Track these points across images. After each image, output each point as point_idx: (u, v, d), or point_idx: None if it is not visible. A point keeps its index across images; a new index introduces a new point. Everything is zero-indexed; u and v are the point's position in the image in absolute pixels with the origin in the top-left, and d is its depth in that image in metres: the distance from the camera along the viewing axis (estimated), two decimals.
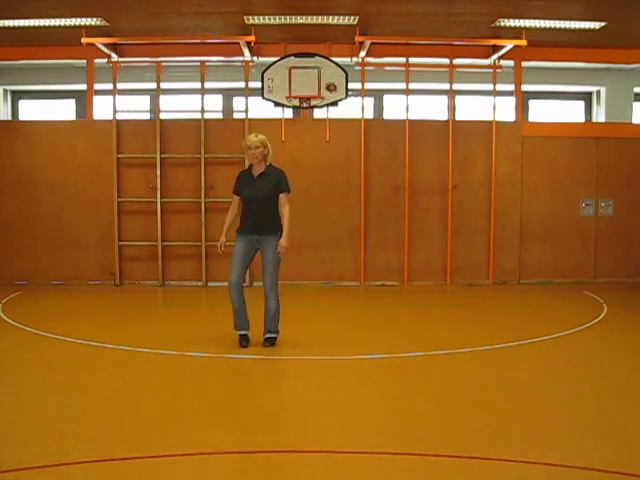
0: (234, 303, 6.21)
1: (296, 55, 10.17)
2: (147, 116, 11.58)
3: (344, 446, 3.85)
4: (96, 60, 10.46)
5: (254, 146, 6.08)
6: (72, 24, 9.32)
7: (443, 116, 11.56)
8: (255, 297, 10.07)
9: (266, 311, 6.22)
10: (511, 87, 10.91)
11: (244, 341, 6.25)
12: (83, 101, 11.21)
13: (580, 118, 12.73)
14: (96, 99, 10.68)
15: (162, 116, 10.56)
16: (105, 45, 10.00)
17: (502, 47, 10.20)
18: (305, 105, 10.28)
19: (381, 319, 8.22)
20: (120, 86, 10.62)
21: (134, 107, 11.52)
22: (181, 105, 11.83)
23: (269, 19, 9.34)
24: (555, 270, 10.94)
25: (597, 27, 9.52)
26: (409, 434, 4.05)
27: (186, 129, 10.55)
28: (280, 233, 6.10)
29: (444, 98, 12.05)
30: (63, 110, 12.34)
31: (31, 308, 8.65)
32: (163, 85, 10.61)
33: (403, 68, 10.60)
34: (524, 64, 10.81)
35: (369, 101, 12.07)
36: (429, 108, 12.22)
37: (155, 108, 10.61)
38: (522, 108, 11.08)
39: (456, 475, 3.48)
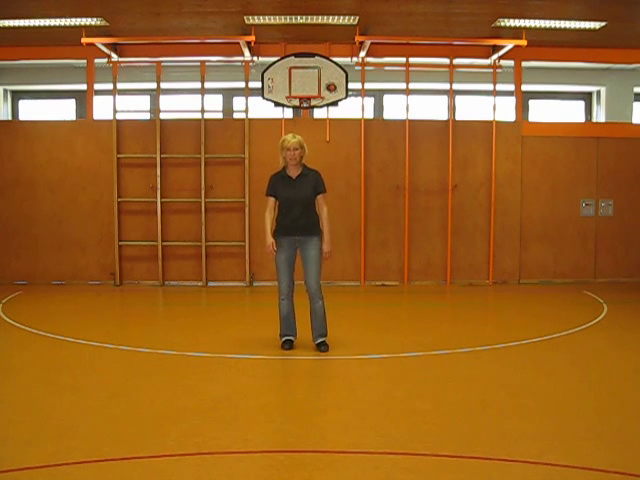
0: (283, 310, 6.16)
1: (296, 55, 10.17)
2: (147, 116, 11.58)
3: (344, 446, 3.85)
4: (96, 60, 10.47)
5: (293, 147, 5.98)
6: (72, 24, 9.32)
7: (443, 116, 11.56)
8: (254, 297, 10.13)
9: (313, 314, 6.11)
10: (511, 87, 10.92)
11: (287, 345, 6.19)
12: (83, 101, 11.21)
13: (580, 118, 12.73)
14: (96, 99, 10.68)
15: (162, 116, 10.56)
16: (105, 45, 10.00)
17: (502, 47, 10.20)
18: (305, 105, 10.28)
19: (381, 319, 8.22)
20: (120, 86, 10.63)
21: (134, 107, 11.52)
22: (181, 105, 11.83)
23: (269, 19, 9.34)
24: (555, 270, 10.95)
25: (597, 27, 9.52)
26: (409, 434, 4.05)
27: (186, 129, 10.55)
28: (321, 234, 6.07)
29: (444, 98, 12.06)
30: (63, 110, 12.34)
31: (31, 308, 8.65)
32: (163, 85, 10.61)
33: (403, 68, 10.60)
34: (524, 64, 10.82)
35: (369, 101, 12.07)
36: (429, 108, 12.22)
37: (155, 108, 10.61)
38: (522, 108, 11.08)
39: (456, 475, 3.48)
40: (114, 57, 10.33)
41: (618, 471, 3.42)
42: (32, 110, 12.41)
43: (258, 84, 10.22)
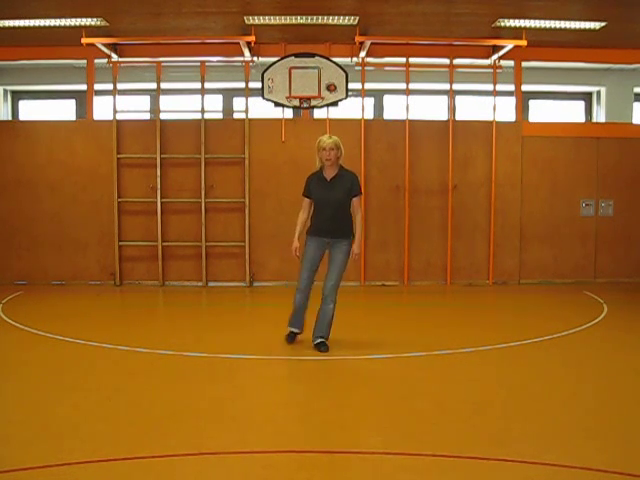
0: (297, 301, 6.17)
1: (296, 55, 10.16)
2: (147, 116, 11.57)
3: (344, 446, 3.85)
4: (96, 60, 10.46)
5: (329, 148, 5.96)
6: (72, 24, 9.32)
7: (443, 116, 11.56)
8: (254, 297, 10.12)
9: (321, 315, 6.10)
10: (511, 87, 10.91)
11: (290, 338, 6.26)
12: (83, 101, 11.21)
13: (580, 118, 12.73)
14: (96, 99, 10.67)
15: (162, 116, 10.56)
16: (105, 45, 10.00)
17: (502, 47, 10.20)
18: (305, 105, 10.28)
19: (381, 319, 8.22)
20: (120, 86, 10.62)
21: (134, 107, 11.51)
22: (181, 105, 11.82)
23: (269, 19, 9.34)
24: (555, 270, 10.95)
25: (597, 27, 9.52)
26: (409, 434, 4.05)
27: (186, 129, 10.55)
28: (352, 237, 6.07)
29: (444, 98, 12.05)
30: (63, 110, 12.33)
31: (31, 308, 8.65)
32: (163, 85, 10.60)
33: (403, 68, 10.60)
34: (524, 64, 10.81)
35: (369, 101, 12.06)
36: (429, 108, 12.22)
37: (155, 108, 10.61)
38: (522, 108, 11.08)
39: (456, 475, 3.48)
40: (114, 57, 10.33)
41: (618, 471, 3.42)
42: (32, 110, 12.40)
43: (258, 84, 10.22)
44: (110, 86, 10.50)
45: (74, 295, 9.76)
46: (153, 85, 10.64)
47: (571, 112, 12.78)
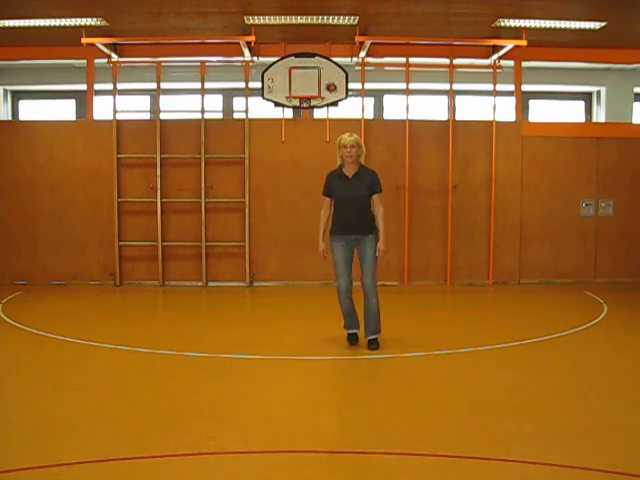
0: (345, 308, 6.21)
1: (296, 55, 10.16)
2: (147, 116, 11.58)
3: (344, 446, 3.85)
4: (96, 60, 10.46)
5: (350, 145, 6.00)
6: (72, 24, 9.31)
7: (443, 116, 11.56)
8: (254, 297, 10.12)
9: (367, 311, 6.16)
10: (511, 87, 10.91)
11: (353, 340, 6.28)
12: (83, 101, 11.21)
13: (580, 118, 12.73)
14: (96, 99, 10.67)
15: (162, 116, 10.55)
16: (105, 45, 10.00)
17: (502, 47, 10.20)
18: (305, 105, 10.27)
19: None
20: (120, 86, 10.62)
21: (134, 107, 11.51)
22: (181, 105, 11.82)
23: (269, 19, 9.34)
24: (555, 270, 10.94)
25: (597, 27, 9.52)
26: (409, 434, 4.05)
27: (186, 129, 10.54)
28: (376, 232, 6.09)
29: (444, 98, 12.05)
30: (63, 110, 12.33)
31: (31, 308, 8.65)
32: (163, 85, 10.60)
33: (403, 68, 10.59)
34: (524, 64, 10.81)
35: (369, 101, 12.06)
36: (429, 108, 12.22)
37: (155, 108, 10.61)
38: (522, 108, 11.07)
39: (456, 475, 3.48)
40: (114, 57, 10.33)
41: (618, 471, 3.42)
42: (32, 110, 12.41)
43: (258, 84, 10.22)
44: (110, 86, 10.50)
45: (74, 295, 9.76)
46: (153, 85, 10.64)
47: (571, 112, 12.79)
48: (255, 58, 10.49)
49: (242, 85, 10.60)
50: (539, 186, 10.87)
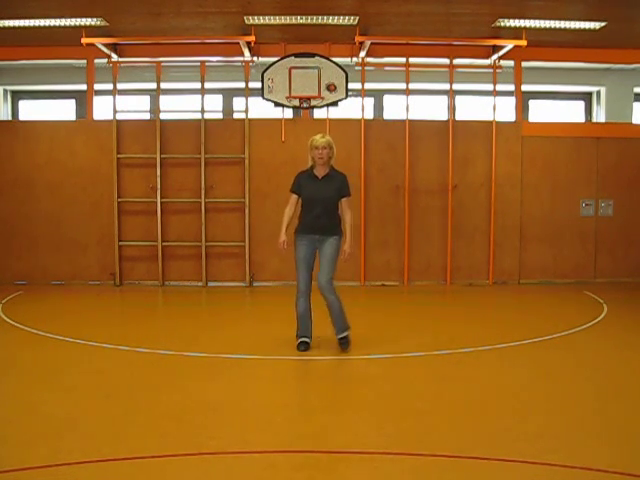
0: (300, 310, 6.13)
1: (296, 55, 10.16)
2: (147, 116, 11.57)
3: (344, 446, 3.85)
4: (96, 60, 10.46)
5: (322, 147, 6.01)
6: (72, 24, 9.31)
7: (443, 116, 11.55)
8: (254, 297, 10.12)
9: (330, 311, 6.09)
10: (511, 87, 10.91)
11: (302, 346, 6.13)
12: (83, 101, 11.20)
13: (580, 118, 12.73)
14: (96, 99, 10.67)
15: (162, 116, 10.55)
16: (105, 45, 10.00)
17: (502, 47, 10.20)
18: (305, 105, 10.27)
19: (381, 319, 8.22)
20: (120, 86, 10.62)
21: (134, 107, 11.51)
22: (181, 105, 11.82)
23: (269, 19, 9.34)
24: (555, 270, 10.94)
25: (597, 27, 9.52)
26: (409, 434, 4.05)
27: (186, 129, 10.54)
28: (341, 235, 6.08)
29: (444, 98, 12.05)
30: (63, 110, 12.33)
31: (31, 308, 8.65)
32: (163, 85, 10.60)
33: (403, 68, 10.59)
34: (524, 64, 10.81)
35: (369, 101, 12.06)
36: (429, 108, 12.22)
37: (155, 108, 10.61)
38: (522, 108, 11.07)
39: (456, 475, 3.48)
40: (114, 57, 10.33)
41: (618, 471, 3.42)
42: (32, 110, 12.41)
43: (258, 84, 10.22)
44: (110, 86, 10.49)
45: (74, 295, 9.76)
46: (153, 85, 10.64)
47: (571, 112, 12.78)
48: (255, 58, 10.49)
49: (242, 85, 10.60)
50: (539, 186, 10.87)
